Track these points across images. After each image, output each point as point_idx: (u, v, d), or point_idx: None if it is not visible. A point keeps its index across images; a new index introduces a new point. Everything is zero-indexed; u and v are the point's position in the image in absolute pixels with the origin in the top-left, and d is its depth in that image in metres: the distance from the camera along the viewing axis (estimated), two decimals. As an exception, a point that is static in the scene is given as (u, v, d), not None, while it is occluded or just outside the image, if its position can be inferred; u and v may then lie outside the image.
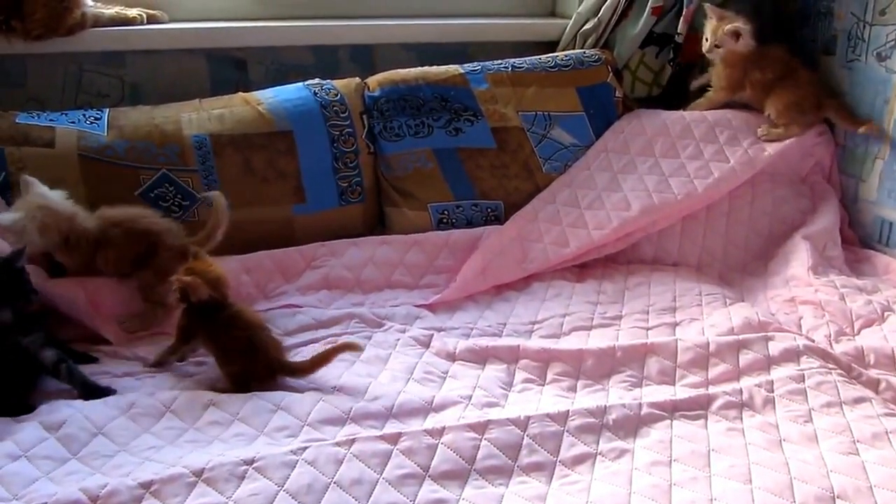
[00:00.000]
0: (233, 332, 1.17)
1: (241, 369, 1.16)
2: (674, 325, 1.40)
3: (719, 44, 1.70)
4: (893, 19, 1.64)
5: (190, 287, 1.14)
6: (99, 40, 1.61)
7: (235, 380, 1.16)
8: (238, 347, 1.16)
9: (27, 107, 1.59)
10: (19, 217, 1.27)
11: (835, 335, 1.38)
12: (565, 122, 1.73)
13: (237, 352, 1.16)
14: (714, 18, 1.71)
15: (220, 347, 1.18)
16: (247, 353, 1.16)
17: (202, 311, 1.17)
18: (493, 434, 1.05)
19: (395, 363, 1.25)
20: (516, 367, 1.26)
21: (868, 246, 1.72)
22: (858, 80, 1.74)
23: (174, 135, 1.53)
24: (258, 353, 1.17)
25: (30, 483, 0.95)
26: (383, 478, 0.97)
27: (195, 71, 1.72)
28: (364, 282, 1.50)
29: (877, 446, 1.07)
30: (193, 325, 1.19)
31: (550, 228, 1.60)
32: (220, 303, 1.18)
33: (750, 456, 1.05)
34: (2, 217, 1.28)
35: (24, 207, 1.29)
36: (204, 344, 1.21)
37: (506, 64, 1.76)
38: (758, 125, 1.74)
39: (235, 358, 1.17)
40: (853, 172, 1.77)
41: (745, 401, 1.18)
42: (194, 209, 1.51)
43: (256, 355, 1.16)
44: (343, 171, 1.62)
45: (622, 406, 1.13)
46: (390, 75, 1.71)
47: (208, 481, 0.94)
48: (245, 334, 1.17)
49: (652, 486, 1.00)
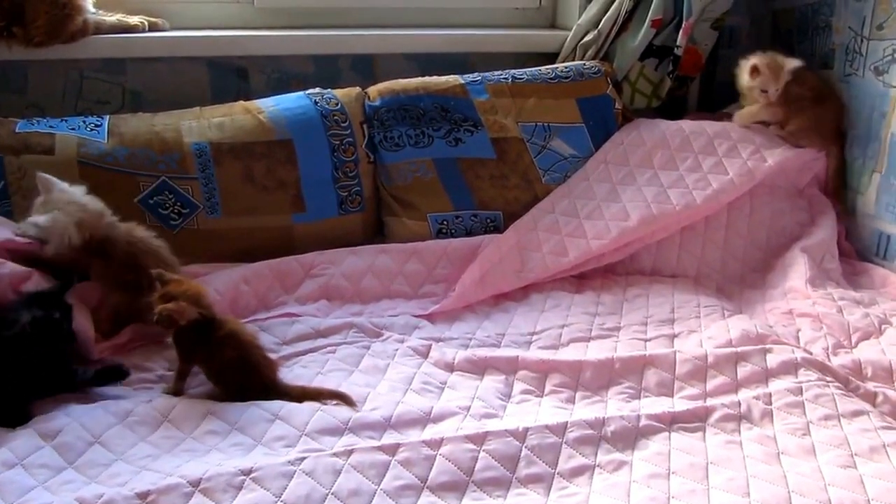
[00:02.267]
0: (226, 352, 1.15)
1: (235, 388, 1.16)
2: (672, 337, 1.40)
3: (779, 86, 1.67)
4: (891, 34, 1.66)
5: (176, 313, 1.11)
6: (100, 47, 1.61)
7: (231, 398, 1.15)
8: (232, 367, 1.15)
9: (27, 113, 1.59)
10: (56, 216, 1.19)
11: (833, 348, 1.38)
12: (565, 133, 1.73)
13: (231, 370, 1.16)
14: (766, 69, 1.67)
15: (214, 367, 1.17)
16: (242, 372, 1.15)
17: (195, 331, 1.15)
18: (492, 445, 1.05)
19: (394, 373, 1.25)
20: (515, 378, 1.26)
21: (866, 259, 1.73)
22: (856, 94, 1.75)
23: (174, 142, 1.53)
24: (253, 372, 1.16)
25: (25, 492, 0.95)
26: (381, 489, 0.97)
27: (196, 79, 1.72)
28: (363, 291, 1.49)
29: (874, 459, 1.07)
30: (191, 345, 1.17)
31: (549, 237, 1.60)
32: (209, 319, 1.15)
33: (748, 469, 1.05)
34: (37, 219, 1.21)
35: (53, 206, 1.21)
36: (199, 363, 1.19)
37: (506, 75, 1.77)
38: (757, 137, 1.74)
39: (230, 377, 1.16)
40: (851, 185, 1.78)
41: (743, 413, 1.18)
42: (194, 217, 1.51)
43: (251, 375, 1.16)
44: (343, 181, 1.62)
45: (621, 418, 1.13)
46: (391, 85, 1.71)
47: (205, 492, 0.94)
48: (238, 354, 1.15)
49: (650, 498, 0.99)
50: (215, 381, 1.18)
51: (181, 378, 1.19)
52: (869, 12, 1.69)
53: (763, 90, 1.70)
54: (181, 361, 1.19)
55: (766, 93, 1.70)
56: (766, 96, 1.71)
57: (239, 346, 1.16)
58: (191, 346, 1.17)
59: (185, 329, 1.14)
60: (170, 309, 1.11)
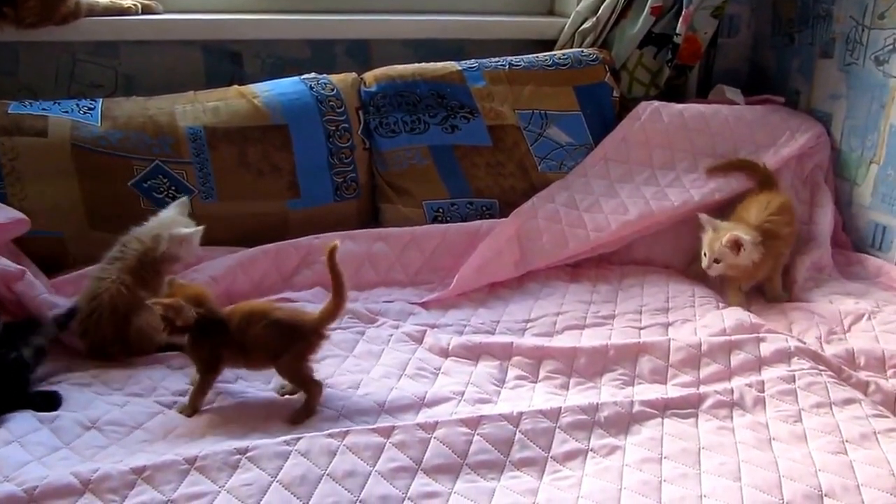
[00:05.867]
0: (252, 335, 1.08)
1: (289, 354, 1.08)
2: (666, 326, 1.40)
3: (718, 258, 1.44)
4: (892, 23, 1.65)
5: (172, 309, 1.05)
6: (93, 30, 1.60)
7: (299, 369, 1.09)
8: (269, 342, 1.08)
9: (19, 96, 1.57)
10: (199, 228, 1.26)
11: (825, 335, 1.39)
12: (561, 121, 1.73)
13: (275, 341, 1.08)
14: (709, 230, 1.46)
15: (260, 357, 1.10)
16: (281, 335, 1.08)
17: (209, 333, 1.08)
18: (486, 429, 1.05)
19: (388, 359, 1.25)
20: (509, 364, 1.26)
21: (861, 250, 1.73)
22: (855, 83, 1.75)
23: (168, 126, 1.52)
24: (290, 324, 1.09)
25: (21, 466, 0.95)
26: (376, 470, 0.97)
27: (190, 63, 1.71)
28: (359, 278, 1.49)
29: (865, 446, 1.08)
30: (212, 351, 1.10)
31: (550, 227, 1.59)
32: (215, 318, 1.09)
33: (740, 454, 1.06)
34: (180, 230, 1.25)
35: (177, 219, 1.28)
36: (235, 364, 1.12)
37: (503, 61, 1.76)
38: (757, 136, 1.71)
39: (280, 344, 1.08)
40: (847, 176, 1.78)
41: (735, 400, 1.18)
42: (188, 201, 1.50)
43: (293, 335, 1.09)
44: (338, 167, 1.61)
45: (614, 404, 1.14)
46: (387, 71, 1.70)
47: (201, 469, 0.94)
48: (265, 323, 1.08)
49: (642, 482, 1.00)
50: (282, 371, 1.11)
51: (203, 390, 1.10)
52: (871, 1, 1.68)
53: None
54: (203, 373, 1.11)
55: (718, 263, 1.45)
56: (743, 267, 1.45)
57: (261, 316, 1.08)
58: (210, 351, 1.09)
59: (199, 335, 1.08)
60: (166, 304, 1.06)
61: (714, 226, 1.48)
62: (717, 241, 1.45)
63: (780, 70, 1.95)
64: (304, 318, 1.12)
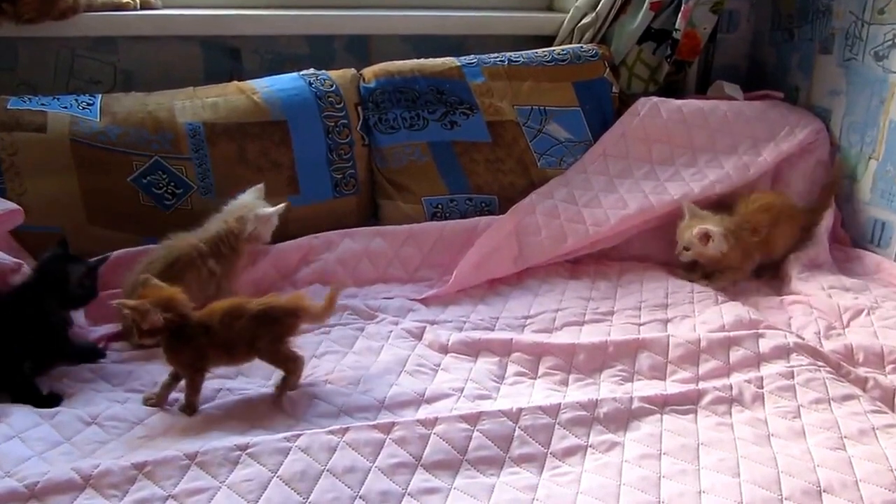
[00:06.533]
0: (238, 329, 1.08)
1: (266, 339, 1.09)
2: (665, 322, 1.40)
3: (688, 246, 1.52)
4: (892, 19, 1.65)
5: (137, 312, 1.03)
6: (91, 25, 1.59)
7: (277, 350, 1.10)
8: (248, 335, 1.08)
9: (18, 91, 1.57)
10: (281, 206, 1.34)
11: (824, 331, 1.39)
12: (561, 117, 1.73)
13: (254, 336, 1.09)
14: (687, 217, 1.53)
15: (240, 350, 1.10)
16: (261, 327, 1.09)
17: (187, 337, 1.07)
18: (486, 425, 1.05)
19: (388, 355, 1.25)
20: (508, 361, 1.26)
21: (860, 246, 1.73)
22: (855, 79, 1.74)
23: (167, 122, 1.52)
24: (269, 318, 1.09)
25: (22, 462, 0.95)
26: (376, 466, 0.97)
27: (189, 59, 1.70)
28: (358, 275, 1.49)
29: (863, 442, 1.08)
30: (196, 352, 1.08)
31: (549, 222, 1.60)
32: (185, 321, 1.07)
33: (738, 450, 1.06)
34: (265, 210, 1.34)
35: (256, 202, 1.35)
36: (219, 361, 1.11)
37: (502, 57, 1.76)
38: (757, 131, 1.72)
39: (256, 338, 1.09)
40: (847, 172, 1.78)
41: (734, 396, 1.18)
42: (188, 197, 1.50)
43: (270, 321, 1.09)
44: (337, 163, 1.61)
45: (613, 400, 1.14)
46: (386, 67, 1.70)
47: (202, 465, 0.94)
48: (249, 323, 1.08)
49: (641, 478, 1.00)
50: (262, 356, 1.11)
51: (195, 392, 1.09)
52: (871, -4, 1.68)
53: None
54: (189, 375, 1.09)
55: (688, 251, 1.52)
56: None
57: (240, 310, 1.08)
58: (193, 353, 1.08)
59: (175, 340, 1.07)
60: (129, 305, 1.04)
61: (692, 213, 1.56)
62: (689, 230, 1.53)
63: (780, 66, 1.95)
64: (278, 304, 1.13)
